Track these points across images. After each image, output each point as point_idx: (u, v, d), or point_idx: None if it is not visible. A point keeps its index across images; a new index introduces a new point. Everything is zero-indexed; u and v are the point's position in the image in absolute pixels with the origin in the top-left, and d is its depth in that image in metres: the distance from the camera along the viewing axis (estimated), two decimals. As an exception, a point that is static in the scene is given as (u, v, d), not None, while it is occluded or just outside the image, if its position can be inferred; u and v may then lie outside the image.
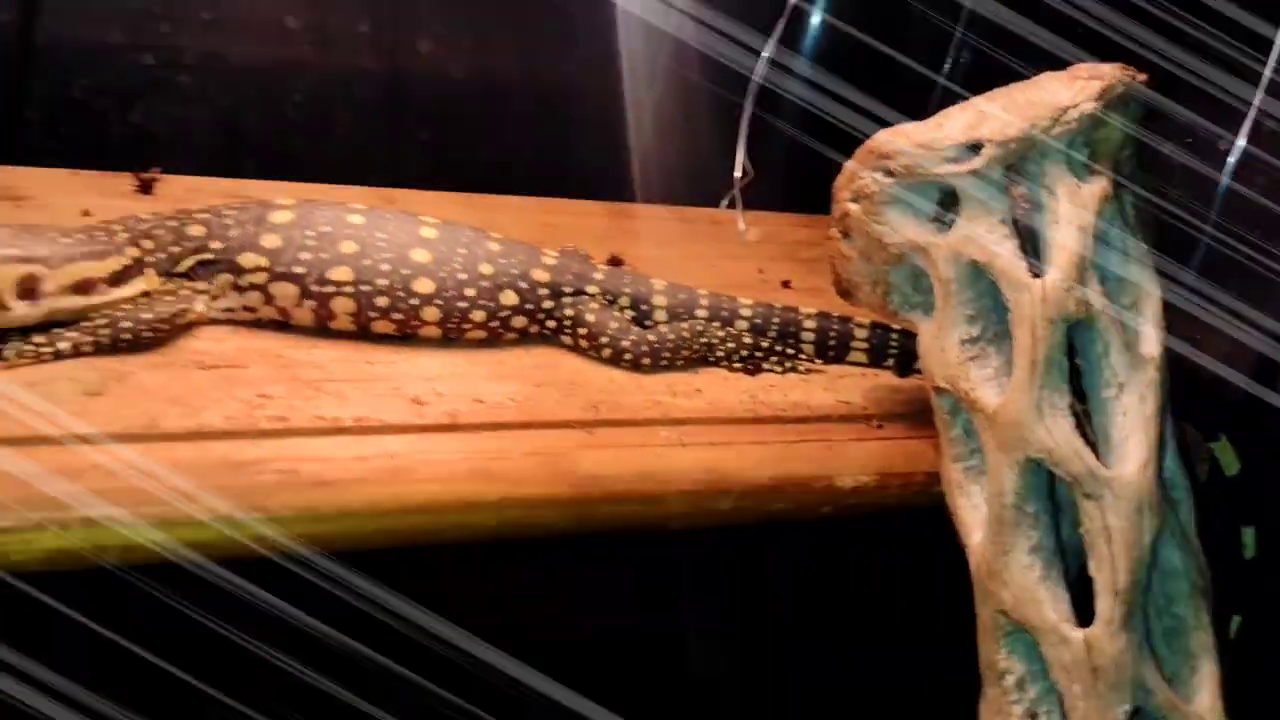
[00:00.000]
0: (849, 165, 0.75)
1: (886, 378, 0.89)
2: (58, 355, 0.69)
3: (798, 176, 1.34)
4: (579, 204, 1.18)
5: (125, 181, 1.00)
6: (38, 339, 0.69)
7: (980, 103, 0.72)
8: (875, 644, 0.98)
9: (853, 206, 0.75)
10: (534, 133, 1.45)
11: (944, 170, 0.71)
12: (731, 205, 1.24)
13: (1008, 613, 0.69)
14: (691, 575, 0.97)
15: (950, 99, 0.77)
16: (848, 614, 0.97)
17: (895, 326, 0.89)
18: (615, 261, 1.03)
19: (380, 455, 0.66)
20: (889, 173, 0.73)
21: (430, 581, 0.80)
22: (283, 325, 0.79)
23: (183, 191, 1.01)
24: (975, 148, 0.70)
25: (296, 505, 0.62)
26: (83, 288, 0.72)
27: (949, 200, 0.72)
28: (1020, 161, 0.70)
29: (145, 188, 0.99)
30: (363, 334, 0.80)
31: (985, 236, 0.70)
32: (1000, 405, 0.69)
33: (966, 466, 0.73)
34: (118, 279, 0.74)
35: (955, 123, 0.71)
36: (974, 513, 0.72)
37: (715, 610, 0.97)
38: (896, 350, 0.90)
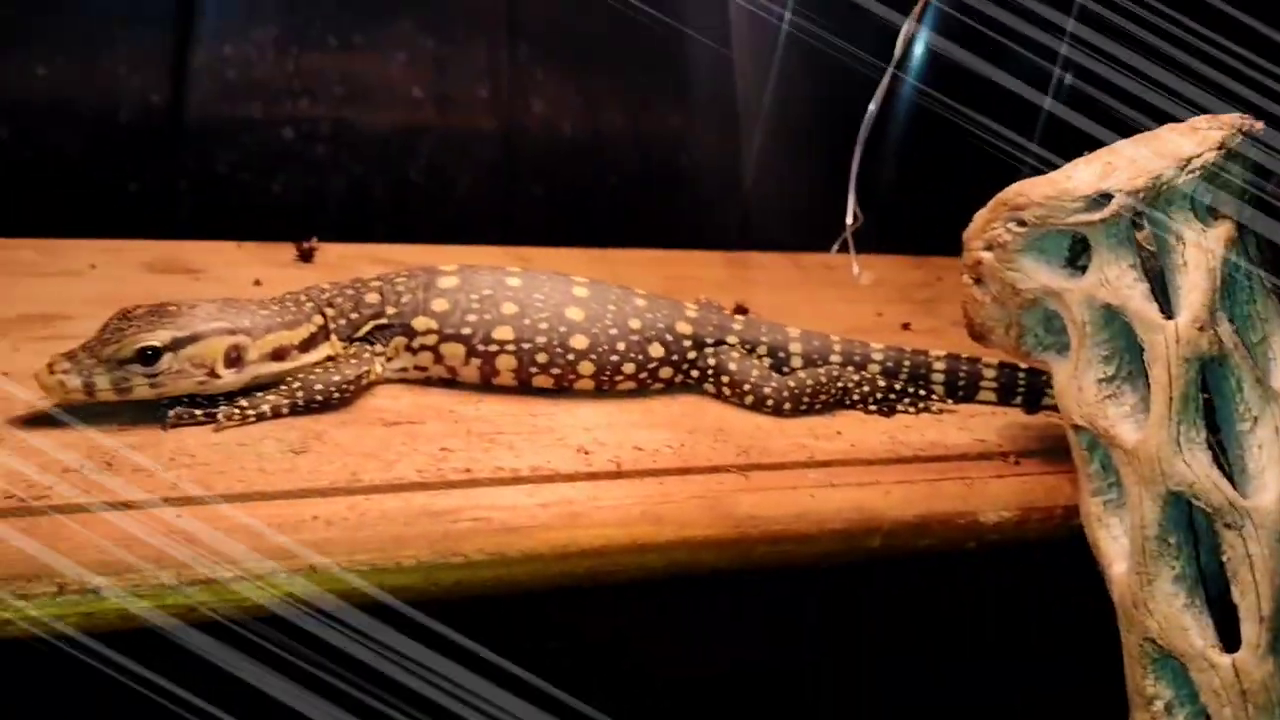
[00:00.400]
0: (981, 215, 0.79)
1: (1016, 415, 0.93)
2: (260, 417, 0.76)
3: (903, 219, 1.38)
4: (699, 255, 1.24)
5: (286, 251, 1.08)
6: (243, 402, 0.76)
7: (1106, 154, 0.76)
8: (1010, 668, 1.00)
9: (986, 255, 0.79)
10: (641, 185, 1.52)
11: (1075, 220, 0.75)
12: (843, 250, 1.28)
13: (1155, 640, 0.72)
14: (826, 610, 1.00)
15: (1051, 144, 0.81)
16: (980, 640, 1.00)
17: (1022, 365, 0.93)
18: (741, 310, 1.09)
19: (559, 502, 0.71)
20: (1022, 223, 0.77)
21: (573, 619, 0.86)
22: (450, 382, 0.86)
23: (336, 259, 1.08)
24: (1104, 198, 0.74)
25: (488, 550, 0.68)
26: (279, 354, 0.79)
27: (1080, 246, 0.76)
28: (1147, 209, 0.74)
29: (305, 256, 1.06)
30: (523, 388, 0.86)
31: (1117, 281, 0.74)
32: (1140, 441, 0.72)
33: (1105, 500, 0.77)
34: (307, 345, 0.80)
35: (1084, 174, 0.75)
36: (1115, 544, 0.76)
37: (850, 644, 1.00)
38: (1024, 388, 0.93)
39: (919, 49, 1.43)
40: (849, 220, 1.26)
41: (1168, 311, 0.73)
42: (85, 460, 0.68)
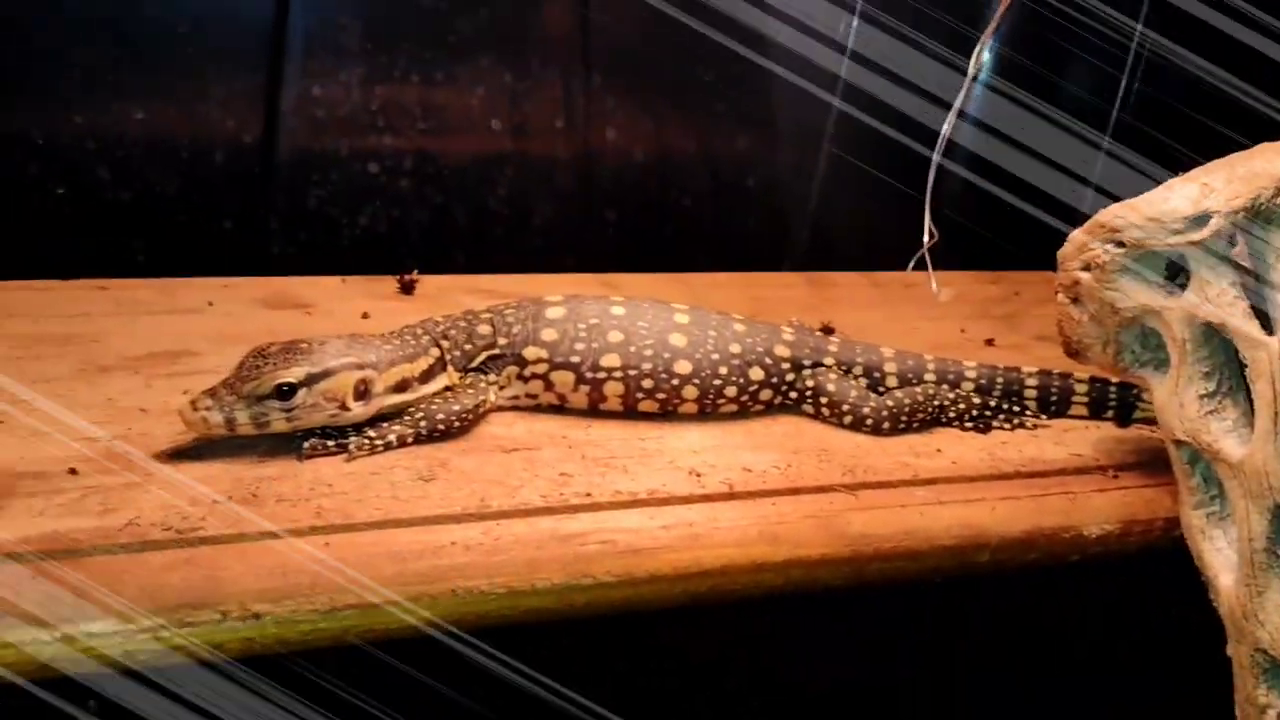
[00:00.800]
0: (1078, 236, 0.81)
1: (1109, 429, 0.94)
2: (388, 446, 0.80)
3: (976, 235, 1.39)
4: (779, 276, 1.27)
5: (388, 284, 1.12)
6: (371, 433, 0.80)
7: (1203, 175, 0.78)
8: (1108, 682, 1.02)
9: (1084, 275, 0.81)
10: (711, 207, 1.54)
11: (1174, 241, 0.76)
12: (918, 267, 1.30)
13: (1266, 650, 0.73)
14: (925, 627, 1.02)
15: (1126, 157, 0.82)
16: (1080, 655, 1.01)
17: (1113, 380, 0.95)
18: (827, 330, 1.11)
19: (679, 524, 0.74)
20: (1120, 244, 0.79)
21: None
22: (558, 408, 0.89)
23: (435, 290, 1.12)
24: (1203, 219, 0.76)
25: (616, 571, 0.71)
26: (401, 386, 0.82)
27: (1177, 263, 0.78)
28: (1246, 228, 0.76)
29: (407, 289, 1.10)
30: (628, 413, 0.88)
31: (1217, 299, 0.75)
32: (1246, 456, 0.74)
33: (1209, 512, 0.78)
34: (426, 376, 0.84)
35: (1182, 196, 0.77)
36: (1220, 556, 0.77)
37: (949, 660, 1.02)
38: (1115, 402, 0.95)
39: (987, 63, 1.44)
40: (926, 238, 1.28)
41: (1269, 328, 0.75)
42: (231, 492, 0.72)
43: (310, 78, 1.32)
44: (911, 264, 1.31)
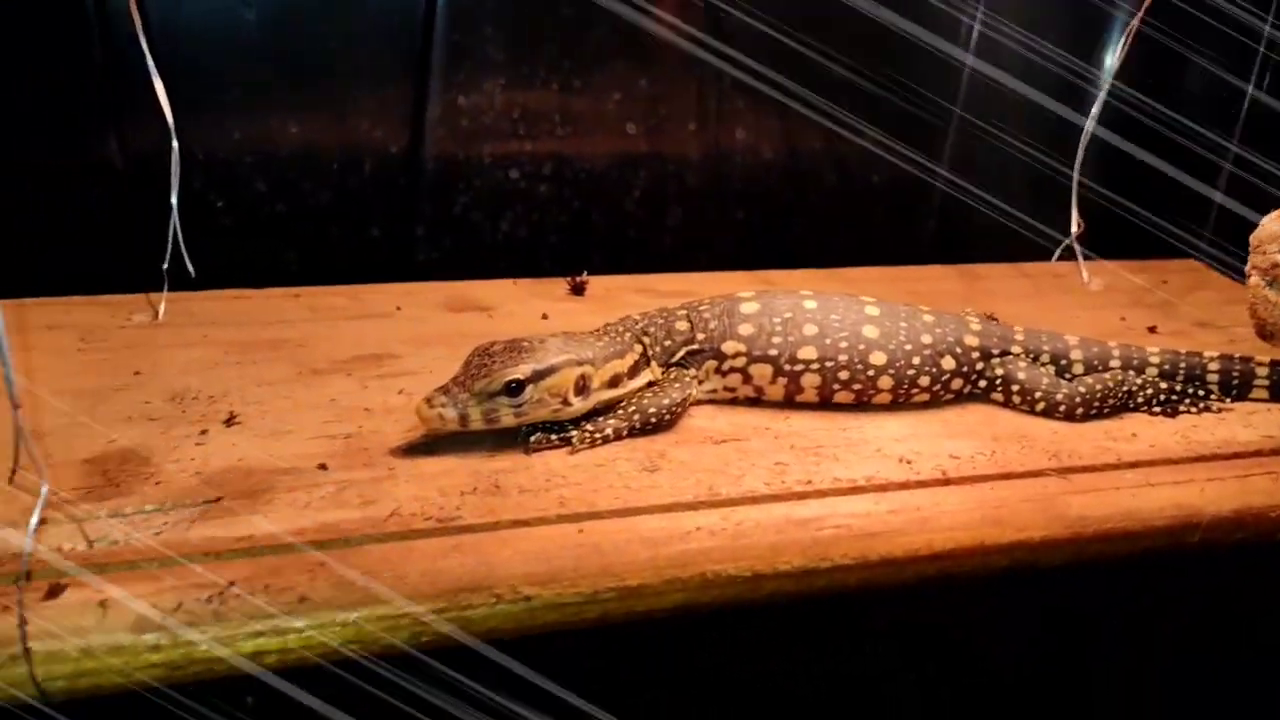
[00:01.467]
0: (1276, 219, 0.82)
1: (1293, 411, 0.95)
2: (605, 439, 0.82)
3: (1118, 223, 1.40)
4: (930, 269, 1.28)
5: (557, 286, 1.15)
6: (589, 427, 0.83)
7: None
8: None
9: (1283, 258, 0.82)
10: (838, 204, 1.56)
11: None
12: (1065, 256, 1.31)
13: None
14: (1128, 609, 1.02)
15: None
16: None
17: (1295, 362, 0.95)
18: (991, 320, 1.12)
19: (907, 509, 0.76)
20: (1320, 227, 0.80)
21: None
22: (754, 401, 0.91)
23: (603, 291, 1.15)
24: None
25: (852, 555, 0.73)
26: (614, 382, 0.85)
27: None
28: None
29: (577, 290, 1.13)
30: (823, 405, 0.91)
31: None
32: None
33: None
34: (633, 372, 0.87)
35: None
36: None
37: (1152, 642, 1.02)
38: (1300, 385, 0.96)
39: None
40: (1074, 227, 1.29)
41: None
42: (475, 484, 0.75)
43: (454, 90, 1.36)
44: (1057, 254, 1.32)
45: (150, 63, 1.00)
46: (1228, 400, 0.96)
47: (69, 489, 0.72)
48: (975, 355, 0.92)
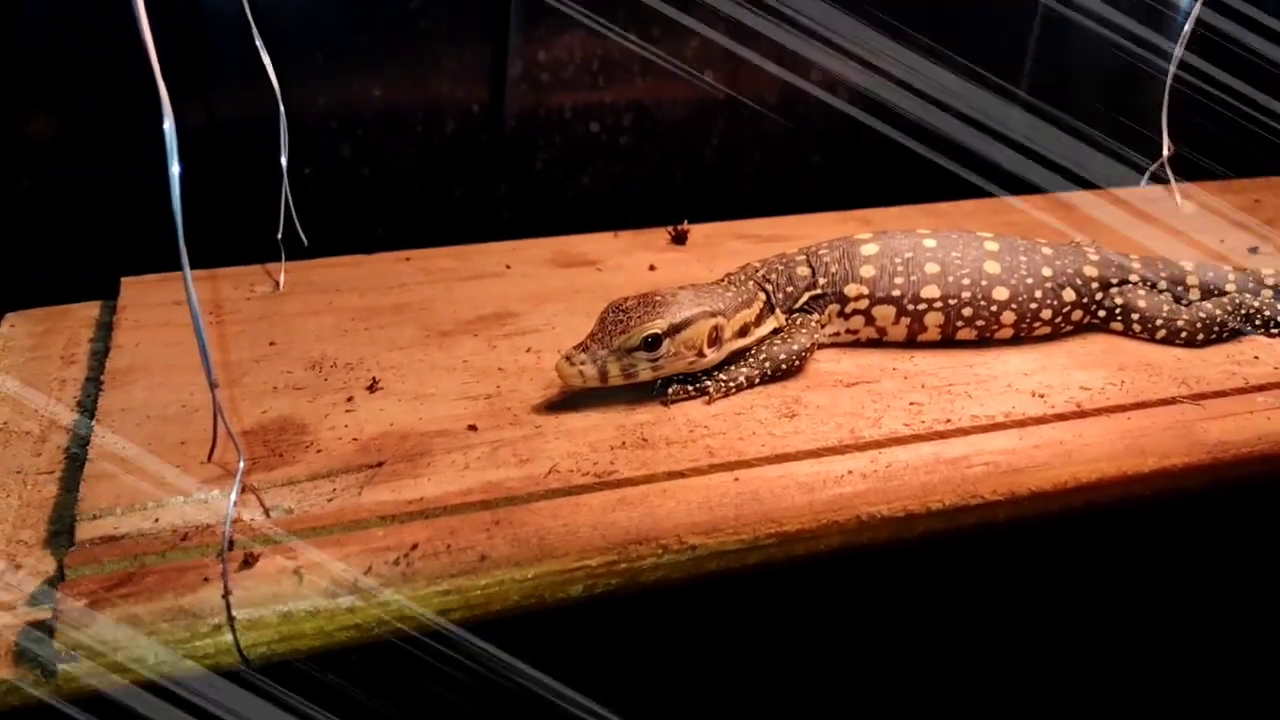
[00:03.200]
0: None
1: None
2: (739, 388, 0.84)
3: (1205, 143, 1.38)
4: (1024, 199, 1.27)
5: (658, 237, 1.15)
6: (722, 376, 0.84)
7: None
8: None
9: None
10: (920, 139, 1.55)
11: None
12: (1154, 181, 1.30)
13: None
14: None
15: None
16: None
17: None
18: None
19: (1050, 443, 0.77)
20: None
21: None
22: (876, 343, 0.92)
23: (704, 239, 1.16)
24: None
25: (1001, 491, 0.74)
26: (743, 331, 0.86)
27: None
28: None
29: (679, 239, 1.14)
30: (945, 343, 0.91)
31: None
32: None
33: None
34: (759, 320, 0.88)
35: None
36: None
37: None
38: None
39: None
40: (1165, 151, 1.28)
41: None
42: (623, 439, 0.77)
43: (533, 46, 1.36)
44: (1145, 178, 1.31)
45: (255, 33, 1.01)
46: (1346, 316, 0.95)
47: (236, 460, 0.74)
48: (1095, 286, 0.93)
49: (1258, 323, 0.94)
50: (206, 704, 0.60)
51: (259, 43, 1.01)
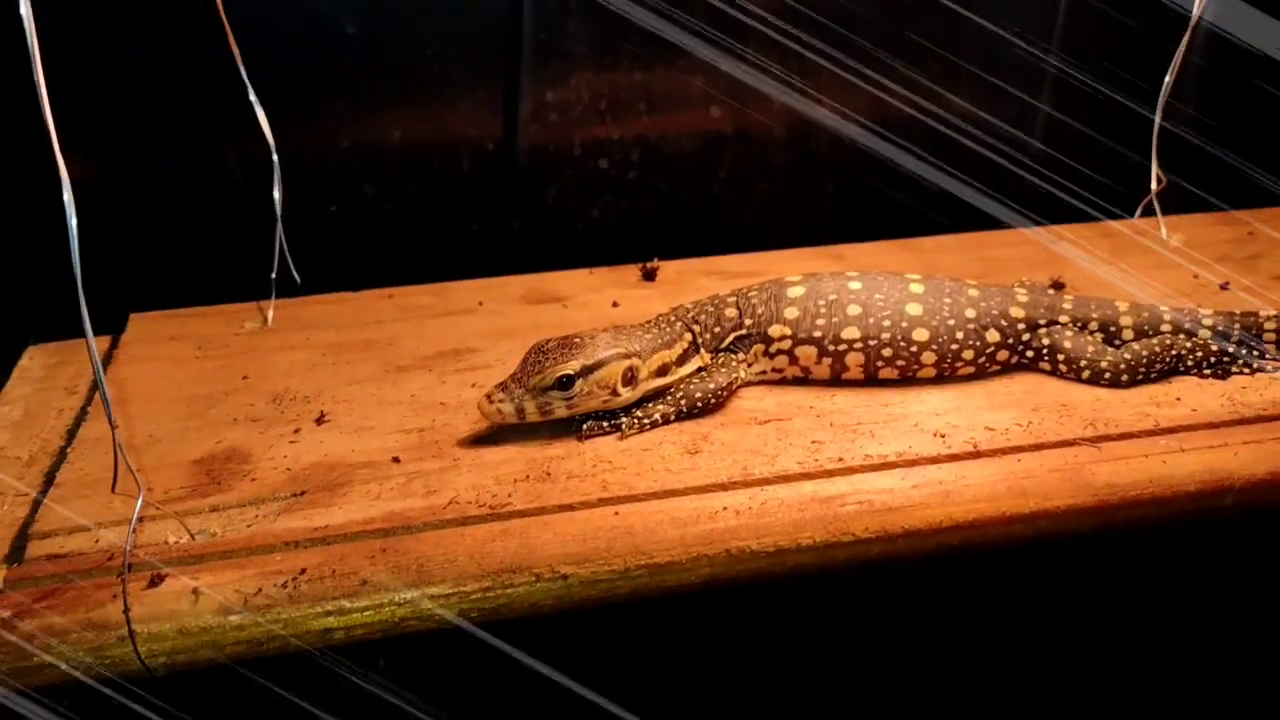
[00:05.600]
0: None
1: (1359, 369, 0.94)
2: (654, 424, 0.89)
3: (1205, 177, 1.37)
4: (1005, 234, 1.29)
5: (630, 273, 1.21)
6: (638, 413, 0.89)
7: None
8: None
9: (1322, 220, 0.82)
10: (931, 170, 1.56)
11: None
12: (1146, 213, 1.30)
13: None
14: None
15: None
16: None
17: (1359, 320, 0.94)
18: (1057, 285, 1.14)
19: (929, 483, 0.80)
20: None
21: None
22: (803, 381, 0.96)
23: (674, 275, 1.21)
24: None
25: (874, 528, 0.78)
26: (662, 370, 0.91)
27: None
28: None
29: (649, 275, 1.19)
30: (869, 381, 0.95)
31: None
32: None
33: None
34: (682, 360, 0.93)
35: None
36: None
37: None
38: (1364, 342, 0.95)
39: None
40: (1154, 184, 1.28)
41: None
42: (529, 471, 0.83)
43: (543, 87, 1.43)
44: (1139, 211, 1.31)
45: (251, 94, 1.10)
46: (1285, 359, 0.95)
47: (179, 486, 0.83)
48: (1021, 326, 0.95)
49: (1190, 363, 0.94)
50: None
51: (252, 96, 1.10)
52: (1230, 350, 0.95)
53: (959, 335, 0.93)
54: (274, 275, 1.13)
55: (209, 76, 1.15)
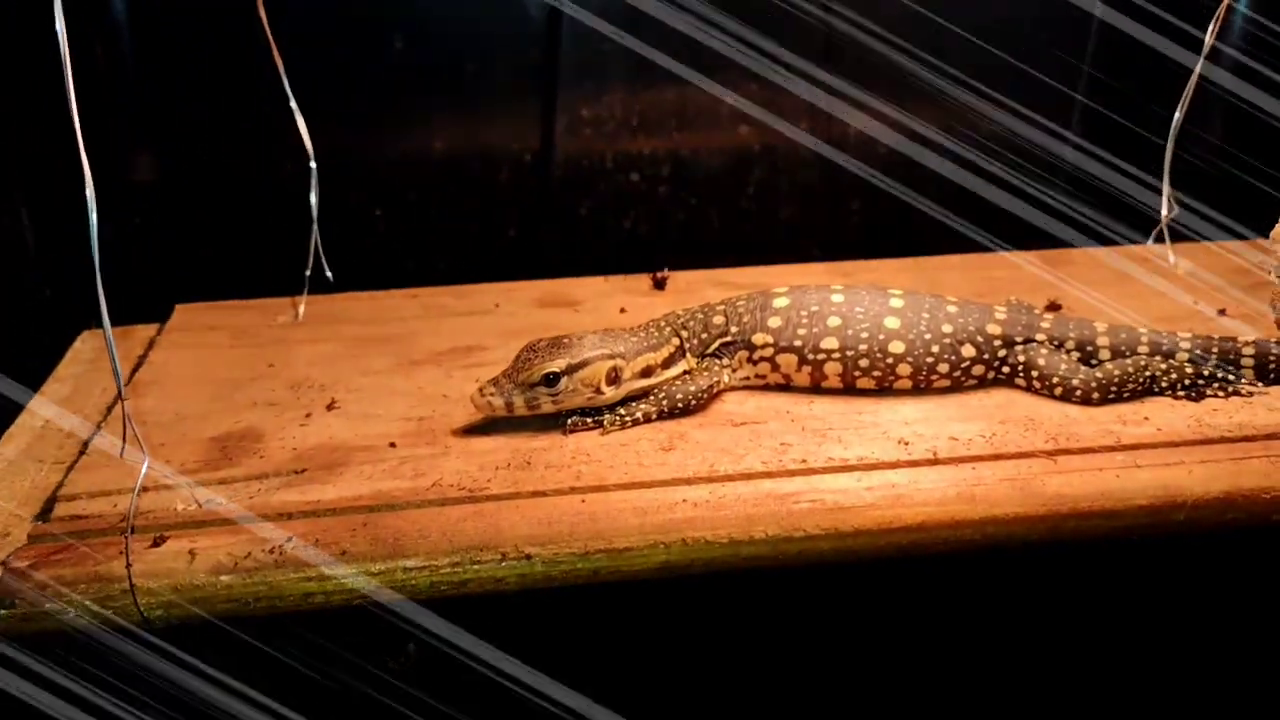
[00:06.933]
0: (1288, 221, 0.85)
1: (1334, 395, 0.95)
2: (635, 422, 0.94)
3: (1226, 204, 1.38)
4: (1013, 255, 1.32)
5: (643, 281, 1.27)
6: (622, 411, 0.95)
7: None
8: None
9: (1292, 254, 0.84)
10: (956, 190, 1.59)
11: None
12: (1160, 239, 1.32)
13: None
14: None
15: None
16: None
17: (1338, 347, 0.96)
18: (1053, 307, 1.17)
19: (882, 486, 0.84)
20: (1327, 222, 0.82)
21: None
22: (785, 387, 1.00)
23: (684, 285, 1.26)
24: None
25: (824, 526, 0.82)
26: (647, 372, 0.97)
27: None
28: None
29: (659, 285, 1.25)
30: (848, 390, 0.99)
31: None
32: None
33: None
34: (668, 363, 0.98)
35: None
36: None
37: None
38: (1341, 369, 0.96)
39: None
40: (1164, 210, 1.29)
41: None
42: (511, 460, 0.89)
43: (579, 102, 1.50)
44: (1152, 237, 1.33)
45: (292, 103, 1.18)
46: (1260, 385, 0.97)
47: (195, 460, 0.91)
48: (998, 343, 0.98)
49: (1164, 385, 0.97)
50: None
51: (293, 104, 1.18)
52: (1205, 373, 0.97)
53: (934, 349, 0.97)
54: (308, 273, 1.21)
55: (264, 89, 1.23)
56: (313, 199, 1.20)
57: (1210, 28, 1.22)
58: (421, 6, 1.45)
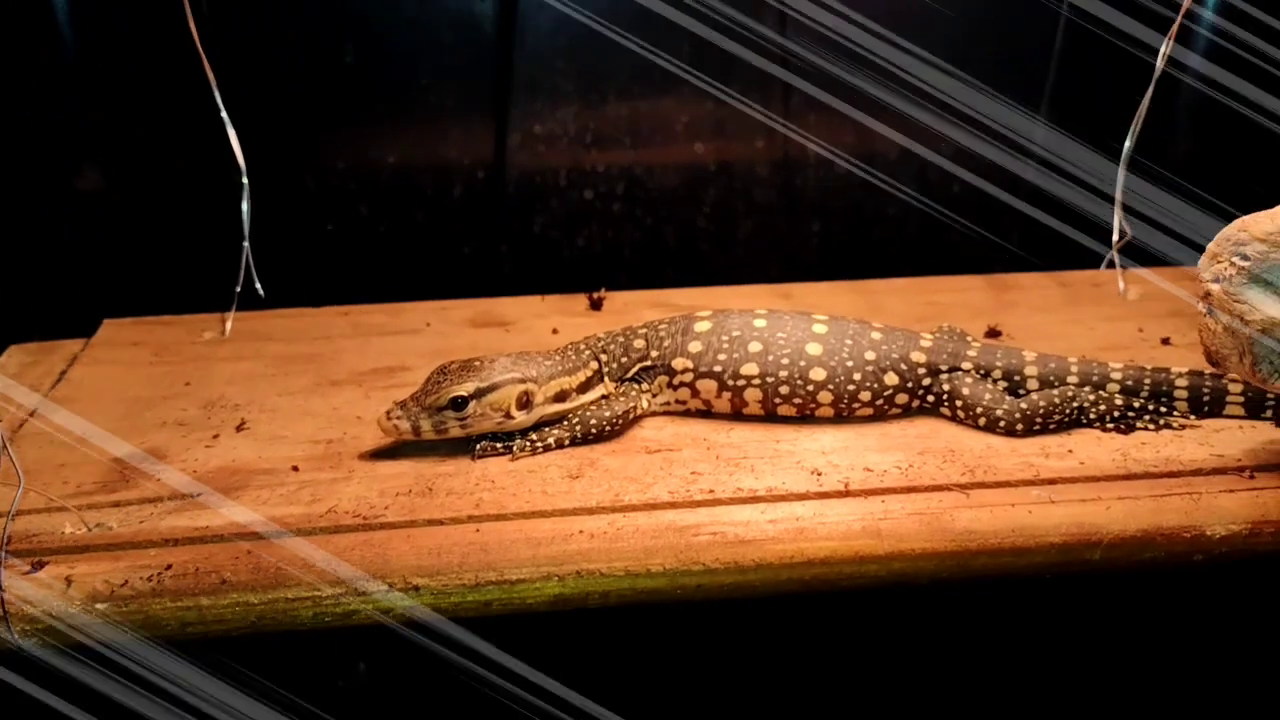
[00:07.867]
0: (1210, 248, 0.82)
1: (1265, 430, 0.93)
2: (547, 448, 0.92)
3: (1177, 231, 1.36)
4: (959, 280, 1.29)
5: (580, 302, 1.25)
6: (533, 436, 0.93)
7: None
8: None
9: (1214, 287, 0.82)
10: (911, 213, 1.58)
11: (1290, 253, 0.77)
12: (1111, 266, 1.29)
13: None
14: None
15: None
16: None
17: (1271, 380, 0.93)
18: (993, 333, 1.14)
19: (787, 519, 0.82)
20: (1245, 257, 0.80)
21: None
22: (706, 413, 0.98)
23: (622, 305, 1.24)
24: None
25: (724, 559, 0.80)
26: (560, 396, 0.94)
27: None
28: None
29: (596, 305, 1.23)
30: (769, 417, 0.97)
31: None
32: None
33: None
34: (584, 387, 0.96)
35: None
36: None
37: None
38: (1274, 401, 0.94)
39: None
40: (1115, 236, 1.27)
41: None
42: (412, 486, 0.87)
43: (532, 119, 1.48)
44: (1104, 263, 1.31)
45: (225, 116, 1.17)
46: (1192, 418, 0.95)
47: (92, 481, 0.89)
48: (921, 371, 0.96)
49: (1093, 416, 0.94)
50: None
51: (224, 115, 1.17)
52: (1136, 405, 0.95)
53: (856, 376, 0.94)
54: (238, 289, 1.19)
55: (205, 101, 1.22)
56: (244, 212, 1.18)
57: (1161, 49, 1.20)
58: (373, 19, 1.43)
